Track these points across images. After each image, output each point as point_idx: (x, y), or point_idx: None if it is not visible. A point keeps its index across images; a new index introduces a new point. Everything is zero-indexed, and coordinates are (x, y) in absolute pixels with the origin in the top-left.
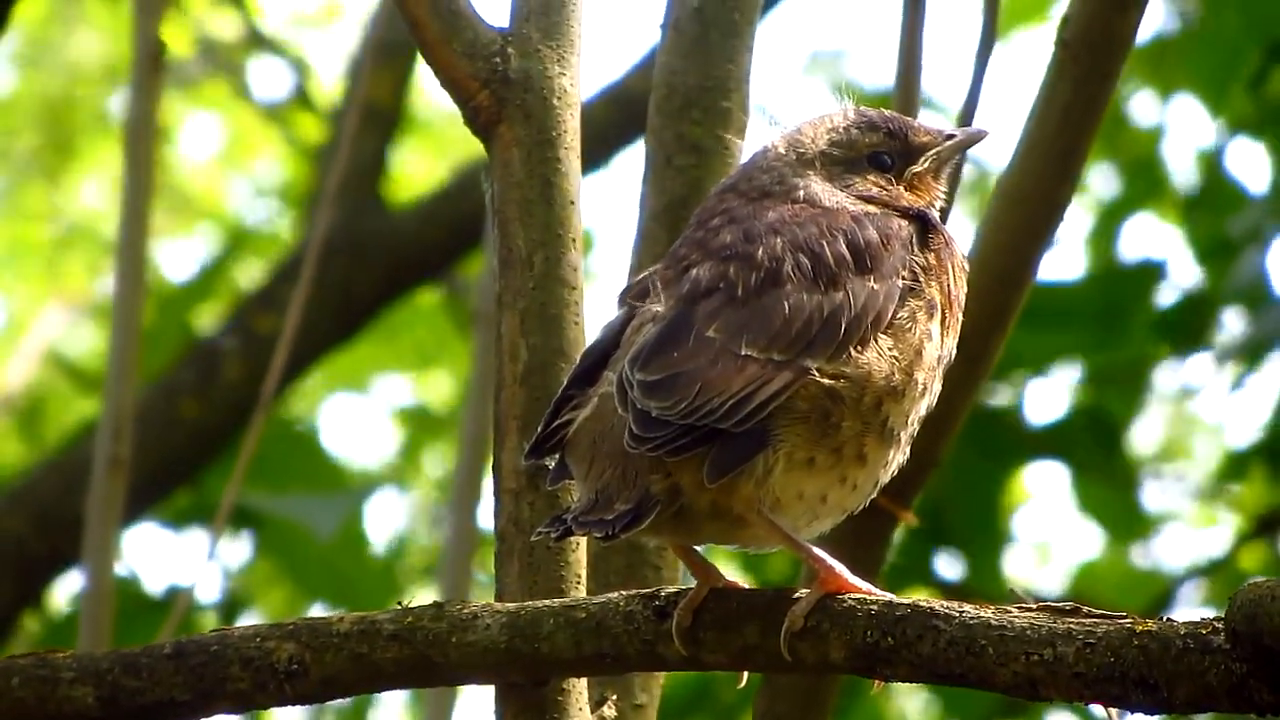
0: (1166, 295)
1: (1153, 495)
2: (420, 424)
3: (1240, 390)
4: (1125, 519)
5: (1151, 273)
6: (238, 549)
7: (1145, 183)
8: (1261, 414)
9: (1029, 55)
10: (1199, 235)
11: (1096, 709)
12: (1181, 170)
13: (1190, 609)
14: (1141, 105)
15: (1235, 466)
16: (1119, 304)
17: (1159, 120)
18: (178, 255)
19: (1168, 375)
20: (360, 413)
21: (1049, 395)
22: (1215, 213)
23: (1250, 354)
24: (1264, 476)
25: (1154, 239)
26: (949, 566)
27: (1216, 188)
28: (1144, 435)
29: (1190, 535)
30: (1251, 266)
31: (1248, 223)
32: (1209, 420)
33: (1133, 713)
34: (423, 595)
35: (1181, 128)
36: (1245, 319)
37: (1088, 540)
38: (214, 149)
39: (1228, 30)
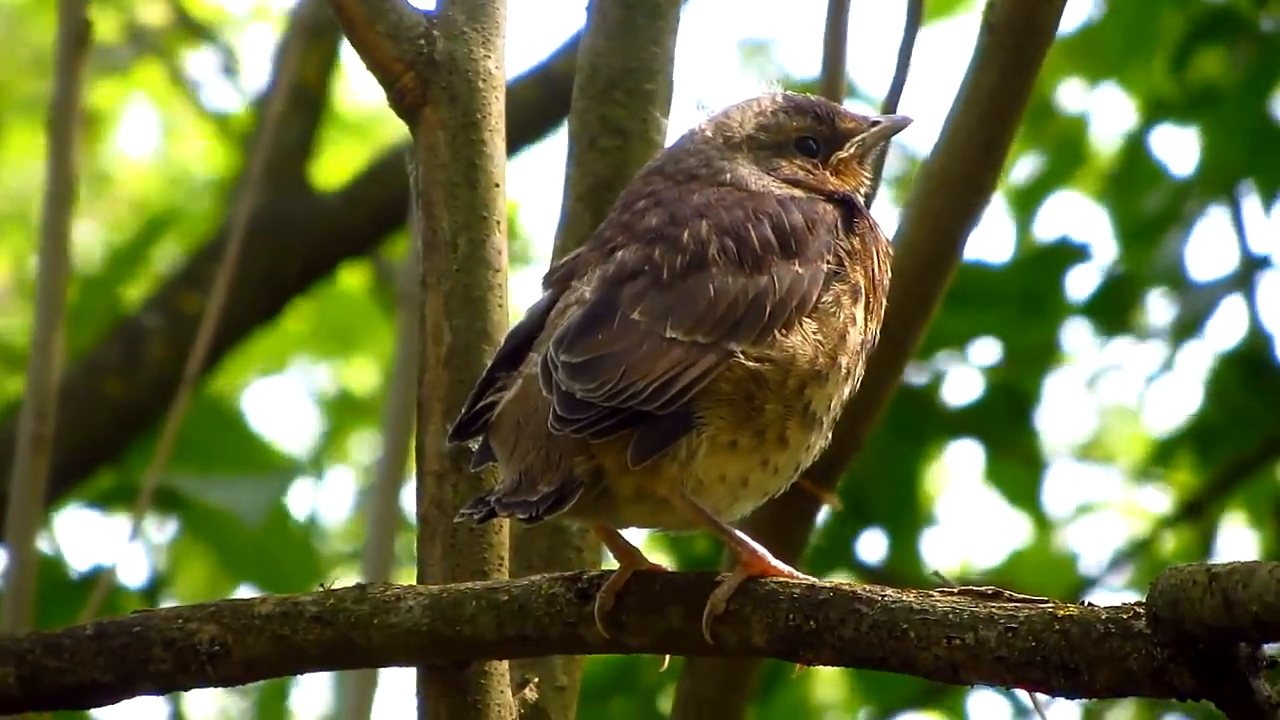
0: (1089, 277)
1: (1078, 482)
2: (343, 406)
3: (1168, 374)
4: (1033, 497)
5: (1071, 253)
6: (160, 528)
7: (1068, 162)
8: (1187, 398)
9: (954, 40)
10: (1122, 216)
11: (1019, 693)
12: (1106, 154)
13: (1113, 594)
14: (1068, 93)
15: (1163, 452)
16: (1038, 284)
17: (1084, 108)
18: (105, 239)
19: (1092, 360)
20: (283, 394)
21: (965, 376)
22: (1138, 194)
23: (1175, 337)
24: (1190, 462)
25: (1077, 220)
26: (869, 549)
27: (1139, 169)
28: (1069, 422)
29: (1115, 522)
30: (1172, 249)
31: (1164, 201)
32: (1133, 405)
33: (1054, 697)
34: (346, 578)
35: (1107, 115)
36: (1169, 301)
37: (1012, 526)
38: (142, 133)
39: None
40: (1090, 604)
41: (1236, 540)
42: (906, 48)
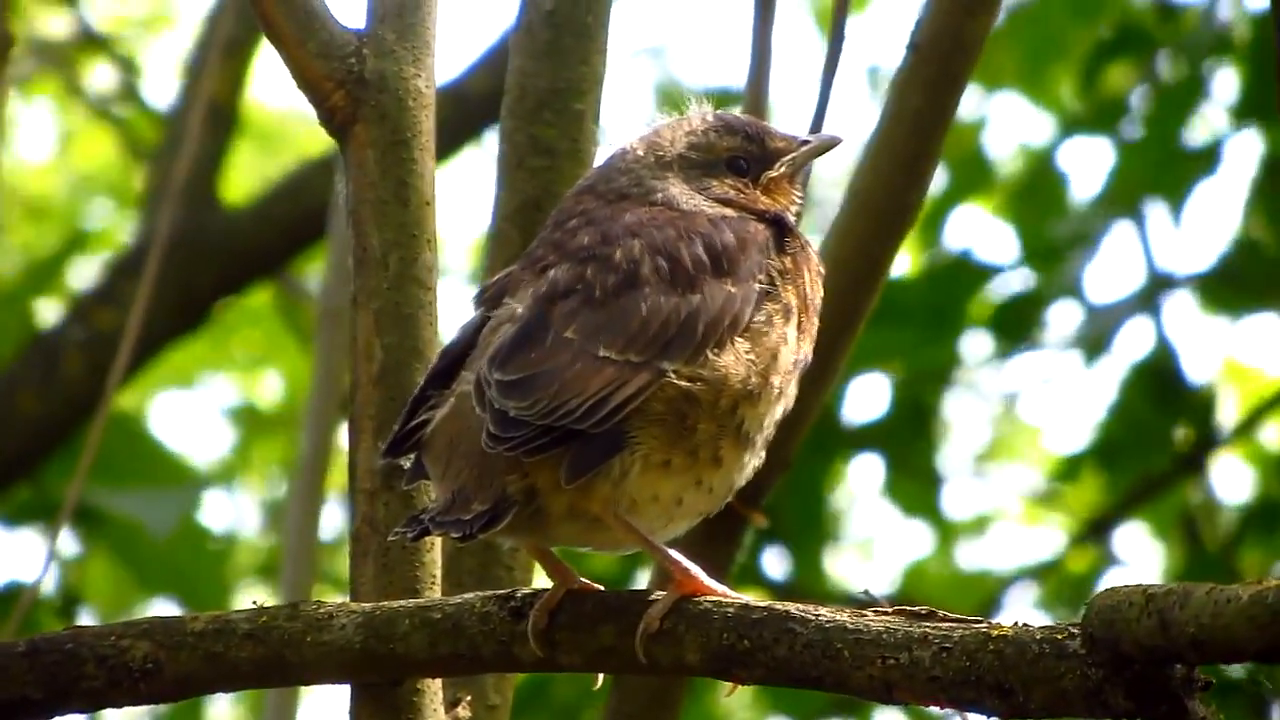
0: (993, 291)
1: (980, 496)
2: (252, 422)
3: (1072, 389)
4: (936, 512)
5: (974, 269)
6: (70, 544)
7: (973, 175)
8: (1091, 415)
9: (870, 52)
10: (1027, 230)
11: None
12: (1010, 166)
13: (1019, 611)
14: (967, 100)
15: (1068, 468)
16: (941, 300)
17: (984, 114)
18: (8, 252)
19: (995, 375)
20: (191, 410)
21: (868, 391)
22: (1043, 208)
23: (1087, 350)
24: (1095, 479)
25: (981, 234)
26: (775, 564)
27: (1045, 183)
28: (971, 436)
29: (1019, 537)
30: (1077, 265)
31: (1073, 225)
32: (1035, 422)
33: (989, 717)
34: (258, 594)
35: (1009, 124)
36: (1079, 314)
37: (916, 541)
38: (47, 146)
39: (1052, 13)
40: (1025, 624)
41: (1143, 557)
42: (831, 66)
